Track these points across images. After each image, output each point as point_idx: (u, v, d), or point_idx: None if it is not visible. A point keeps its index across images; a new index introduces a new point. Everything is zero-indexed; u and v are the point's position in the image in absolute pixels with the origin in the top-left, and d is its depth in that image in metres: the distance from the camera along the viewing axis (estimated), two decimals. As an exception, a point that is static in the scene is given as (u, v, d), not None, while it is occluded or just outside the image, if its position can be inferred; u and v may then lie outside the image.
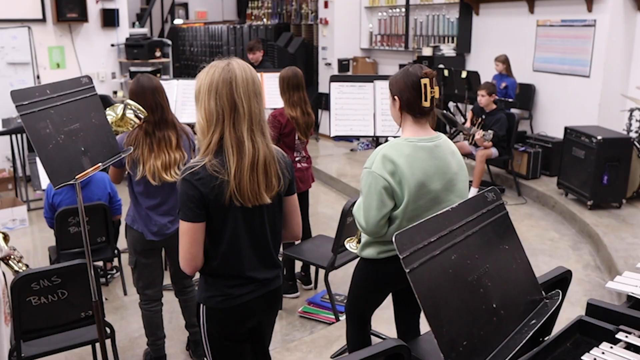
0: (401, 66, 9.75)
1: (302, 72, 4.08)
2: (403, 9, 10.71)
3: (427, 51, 9.68)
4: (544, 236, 5.46)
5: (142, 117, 3.00)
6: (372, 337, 3.21)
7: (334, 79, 3.27)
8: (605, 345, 1.54)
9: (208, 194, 1.96)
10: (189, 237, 2.00)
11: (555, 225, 5.77)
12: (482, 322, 1.43)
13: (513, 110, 7.84)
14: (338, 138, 9.66)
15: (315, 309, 4.30)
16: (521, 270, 1.65)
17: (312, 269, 4.73)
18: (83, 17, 8.24)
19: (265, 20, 14.20)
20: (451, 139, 7.34)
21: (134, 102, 3.03)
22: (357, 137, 9.35)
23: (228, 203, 1.98)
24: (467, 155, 6.57)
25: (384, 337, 3.53)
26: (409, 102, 2.36)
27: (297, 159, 4.36)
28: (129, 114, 3.02)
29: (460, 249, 1.46)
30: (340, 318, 3.99)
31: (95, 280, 2.77)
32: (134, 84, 3.15)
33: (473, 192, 6.23)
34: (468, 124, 6.72)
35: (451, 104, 9.02)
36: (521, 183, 6.69)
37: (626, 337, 1.58)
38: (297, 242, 4.59)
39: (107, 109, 3.05)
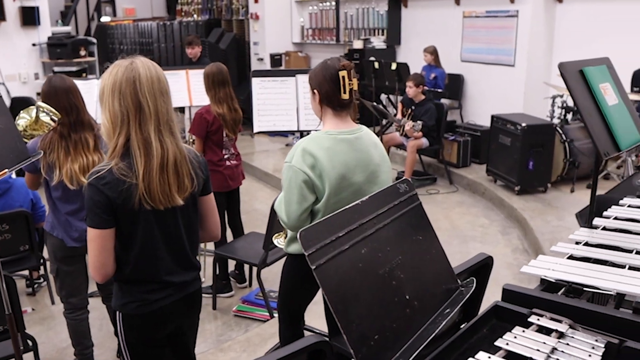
0: (333, 60, 9.85)
1: (234, 68, 4.01)
2: (333, 3, 10.74)
3: (358, 44, 9.74)
4: (474, 223, 5.57)
5: (57, 119, 2.88)
6: (306, 332, 3.20)
7: (255, 74, 3.22)
8: (517, 330, 1.55)
9: (115, 199, 1.89)
10: (97, 244, 1.92)
11: (485, 211, 5.91)
12: (395, 314, 1.42)
13: (443, 101, 7.99)
14: (273, 133, 9.60)
15: (249, 307, 4.25)
16: (436, 260, 1.66)
17: (247, 266, 4.68)
18: (0, 16, 7.90)
19: (195, 16, 13.96)
20: (384, 131, 7.47)
21: (47, 104, 2.90)
22: (293, 132, 9.34)
23: (138, 207, 1.92)
24: (399, 146, 6.64)
25: (317, 332, 3.52)
26: (328, 95, 2.34)
27: (225, 156, 4.29)
28: (43, 117, 2.89)
29: (371, 242, 1.45)
30: (274, 315, 3.96)
31: (12, 291, 2.64)
32: (45, 86, 3.01)
33: (405, 182, 6.31)
34: (399, 116, 6.79)
35: (383, 96, 9.10)
36: (452, 171, 6.82)
37: (538, 320, 1.61)
38: (229, 241, 4.54)
39: (21, 111, 2.92)
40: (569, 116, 6.63)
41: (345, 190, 2.36)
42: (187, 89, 5.10)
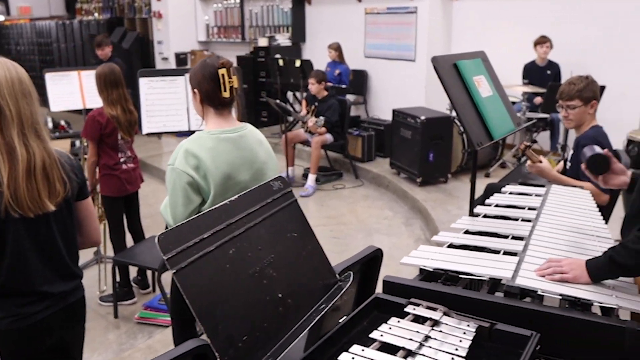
0: (239, 58, 9.77)
1: (139, 68, 3.88)
2: (238, 0, 10.64)
3: (263, 42, 9.70)
4: (379, 215, 5.67)
5: None
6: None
7: (142, 74, 3.12)
8: (393, 320, 1.57)
9: None
10: None
11: (389, 203, 6.02)
12: (266, 314, 1.40)
13: (348, 96, 8.08)
14: (180, 134, 9.41)
15: (152, 313, 4.14)
16: (312, 256, 1.66)
17: (150, 271, 4.55)
18: None
19: (96, 14, 13.50)
20: (290, 128, 7.46)
21: None
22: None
23: (4, 215, 1.81)
24: (304, 142, 6.66)
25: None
26: (209, 94, 2.30)
27: (122, 159, 4.16)
28: None
29: (240, 242, 1.42)
30: (178, 320, 3.88)
31: None
32: None
33: (311, 178, 6.34)
34: (303, 112, 6.81)
35: (289, 94, 9.12)
36: (358, 166, 6.91)
37: (414, 309, 1.64)
38: (129, 246, 4.40)
39: None
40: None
41: (231, 190, 2.33)
42: (80, 90, 4.90)
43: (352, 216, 5.67)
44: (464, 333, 1.53)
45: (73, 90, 4.91)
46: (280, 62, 8.15)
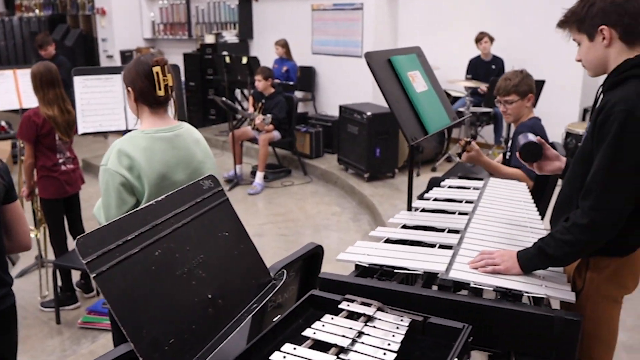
0: (186, 55, 9.64)
1: (83, 66, 3.76)
2: (184, -3, 10.51)
3: (210, 38, 9.60)
4: (327, 211, 5.68)
5: None
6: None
7: (76, 72, 3.03)
8: (327, 317, 1.57)
9: None
10: None
11: (338, 199, 6.04)
12: (195, 315, 1.38)
13: (296, 93, 8.07)
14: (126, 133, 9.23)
15: (96, 317, 4.04)
16: (245, 255, 1.64)
17: (93, 275, 4.44)
18: None
19: (37, 11, 13.11)
20: (238, 126, 7.40)
21: None
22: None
23: None
24: (252, 140, 6.62)
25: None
26: (143, 92, 2.25)
27: (60, 160, 4.04)
28: None
29: (166, 243, 1.39)
30: (121, 323, 3.79)
31: None
32: None
33: (259, 176, 6.31)
34: (250, 110, 6.76)
35: (237, 91, 9.04)
36: (306, 162, 6.91)
37: (348, 305, 1.63)
38: (70, 250, 4.29)
39: None
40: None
41: (167, 190, 2.25)
42: (16, 89, 4.75)
43: (301, 213, 5.66)
44: (397, 328, 1.53)
45: (9, 90, 4.75)
46: (227, 60, 8.07)
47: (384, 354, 1.40)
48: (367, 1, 7.85)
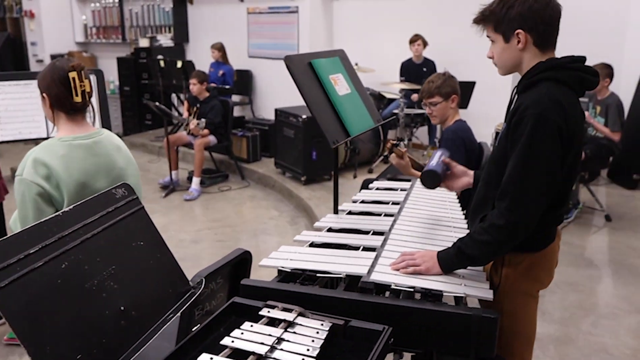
0: (119, 59, 9.43)
1: (12, 70, 3.61)
2: (116, 0, 10.27)
3: (144, 42, 9.43)
4: (265, 215, 5.65)
5: None
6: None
7: (-7, 78, 2.92)
8: (246, 325, 1.55)
9: None
10: None
11: (275, 203, 6.02)
12: (106, 329, 1.34)
13: (234, 97, 8.02)
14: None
15: (23, 332, 3.88)
16: (162, 264, 1.60)
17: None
18: None
19: (-39, 15, 12.56)
20: (175, 131, 7.28)
21: None
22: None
23: None
24: (187, 145, 6.52)
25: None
26: (59, 99, 2.18)
27: (-18, 170, 3.89)
28: None
29: (74, 255, 1.35)
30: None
31: None
32: None
33: (195, 181, 6.22)
34: (185, 114, 6.67)
35: (173, 96, 8.92)
36: (244, 167, 6.86)
37: (268, 312, 1.62)
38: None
39: None
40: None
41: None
42: None
43: (238, 218, 5.61)
44: (317, 332, 1.53)
45: None
46: (162, 64, 7.94)
47: (303, 359, 1.39)
48: (302, 4, 7.87)
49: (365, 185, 3.09)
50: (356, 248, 2.05)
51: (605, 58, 5.49)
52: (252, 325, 1.57)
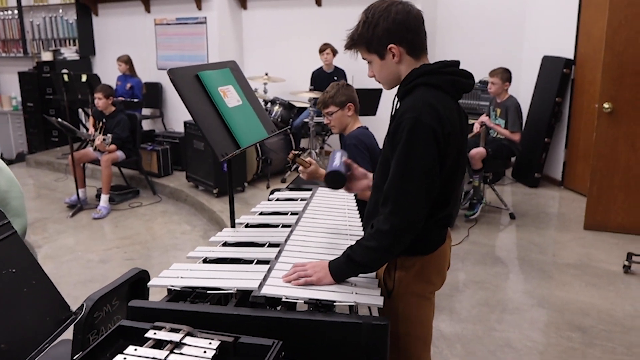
0: (21, 74, 9.03)
1: None
2: (15, 11, 9.83)
3: (47, 56, 9.08)
4: (177, 231, 5.53)
5: None
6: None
7: None
8: (130, 349, 1.49)
9: None
10: None
11: (188, 217, 5.91)
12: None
13: (144, 110, 7.83)
14: None
15: None
16: (38, 291, 1.53)
17: None
18: None
19: None
20: (84, 146, 7.03)
21: None
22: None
23: None
24: (94, 162, 6.31)
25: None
26: None
27: None
28: None
29: None
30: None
31: None
32: None
33: (104, 199, 6.03)
34: (91, 130, 6.45)
35: (80, 111, 8.63)
36: (155, 181, 6.71)
37: (155, 334, 1.57)
38: None
39: None
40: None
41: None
42: None
43: (149, 234, 5.47)
44: (205, 352, 1.49)
45: None
46: (66, 78, 7.65)
47: (189, 380, 1.36)
48: (210, 15, 7.80)
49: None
50: (250, 262, 2.02)
51: (505, 63, 5.73)
52: (136, 349, 1.51)
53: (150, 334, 1.58)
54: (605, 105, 4.83)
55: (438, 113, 1.69)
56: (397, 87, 1.89)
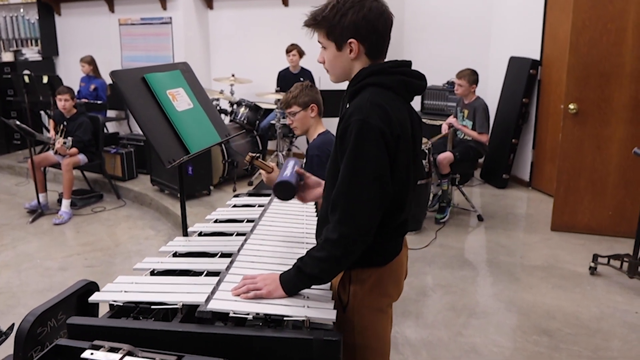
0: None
1: None
2: (-26, 11, 9.58)
3: (8, 56, 8.86)
4: (141, 236, 5.40)
5: None
6: None
7: None
8: (65, 371, 1.40)
9: None
10: None
11: (152, 222, 5.78)
12: None
13: (109, 112, 7.67)
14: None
15: None
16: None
17: None
18: None
19: None
20: (47, 149, 6.84)
21: None
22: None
23: None
24: (55, 165, 6.14)
25: None
26: None
27: None
28: None
29: None
30: None
31: None
32: None
33: (65, 204, 5.87)
34: (52, 133, 6.28)
35: (42, 113, 8.42)
36: (119, 185, 6.55)
37: (92, 354, 1.47)
38: None
39: None
40: (226, 118, 6.85)
41: None
42: None
43: (111, 240, 5.33)
44: (145, 373, 1.41)
45: None
46: (26, 79, 7.45)
47: (122, 405, 1.27)
48: (176, 15, 7.68)
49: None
50: (200, 273, 1.94)
51: (472, 64, 5.72)
52: (70, 372, 1.42)
53: (86, 354, 1.49)
54: (571, 106, 4.83)
55: (387, 114, 1.61)
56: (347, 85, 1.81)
